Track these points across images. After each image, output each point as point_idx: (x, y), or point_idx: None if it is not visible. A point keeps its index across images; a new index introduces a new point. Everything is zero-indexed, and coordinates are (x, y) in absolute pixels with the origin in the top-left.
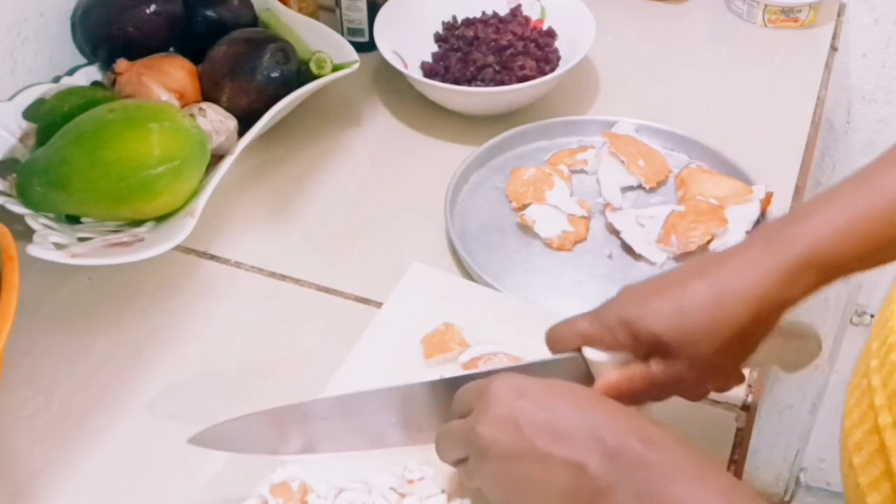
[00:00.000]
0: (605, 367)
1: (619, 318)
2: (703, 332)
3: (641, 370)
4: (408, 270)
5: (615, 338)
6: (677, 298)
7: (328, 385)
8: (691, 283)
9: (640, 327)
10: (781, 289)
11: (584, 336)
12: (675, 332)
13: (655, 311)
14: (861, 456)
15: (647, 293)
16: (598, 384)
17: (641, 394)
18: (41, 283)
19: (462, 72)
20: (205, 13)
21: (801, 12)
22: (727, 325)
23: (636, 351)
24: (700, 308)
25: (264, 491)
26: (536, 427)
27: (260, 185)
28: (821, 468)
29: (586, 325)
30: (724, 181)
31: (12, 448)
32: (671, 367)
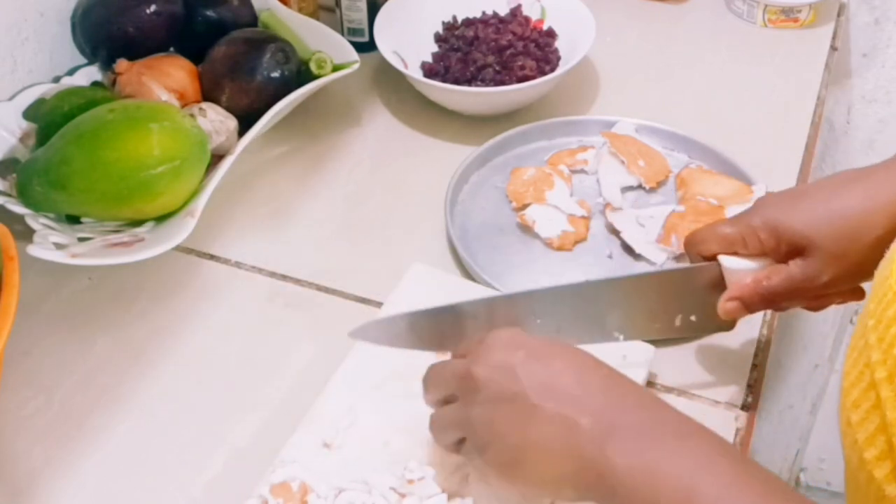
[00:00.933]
0: (741, 275)
1: (764, 219)
2: (851, 235)
3: (779, 269)
4: (408, 270)
5: (759, 239)
6: (826, 202)
7: (329, 385)
8: (840, 190)
9: (786, 228)
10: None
11: (728, 239)
12: (823, 234)
13: (802, 213)
14: (858, 413)
15: (794, 198)
16: (734, 286)
17: (776, 294)
18: (41, 283)
19: (462, 72)
20: (205, 13)
21: (801, 12)
22: (874, 230)
23: (777, 253)
24: (849, 212)
25: (264, 491)
26: (533, 378)
27: (260, 185)
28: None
29: (730, 228)
30: (724, 181)
31: (12, 448)
32: (811, 268)
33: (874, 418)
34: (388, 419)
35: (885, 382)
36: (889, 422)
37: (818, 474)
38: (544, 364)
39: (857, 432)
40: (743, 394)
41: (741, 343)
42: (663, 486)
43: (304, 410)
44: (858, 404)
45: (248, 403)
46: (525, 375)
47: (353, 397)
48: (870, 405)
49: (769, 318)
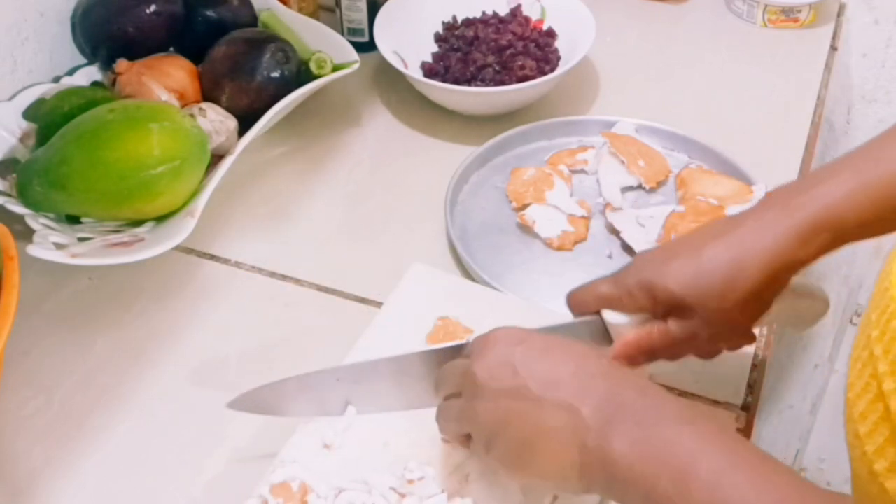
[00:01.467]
0: (623, 329)
1: (639, 280)
2: (720, 292)
3: (659, 328)
4: (408, 270)
5: (634, 299)
6: (695, 259)
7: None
8: (708, 246)
9: (659, 288)
10: (796, 250)
11: (604, 299)
12: (693, 291)
13: (674, 272)
14: (866, 424)
15: (665, 257)
16: (617, 344)
17: (658, 351)
18: (41, 283)
19: (462, 72)
20: (205, 13)
21: (801, 12)
22: (743, 285)
23: (654, 311)
24: (718, 268)
25: (264, 491)
26: (531, 372)
27: (260, 185)
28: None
29: (606, 288)
30: (724, 181)
31: (12, 448)
32: (688, 325)
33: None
34: (387, 419)
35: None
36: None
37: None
38: (543, 356)
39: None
40: (743, 394)
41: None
42: (661, 469)
43: None
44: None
45: None
46: (525, 369)
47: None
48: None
49: None
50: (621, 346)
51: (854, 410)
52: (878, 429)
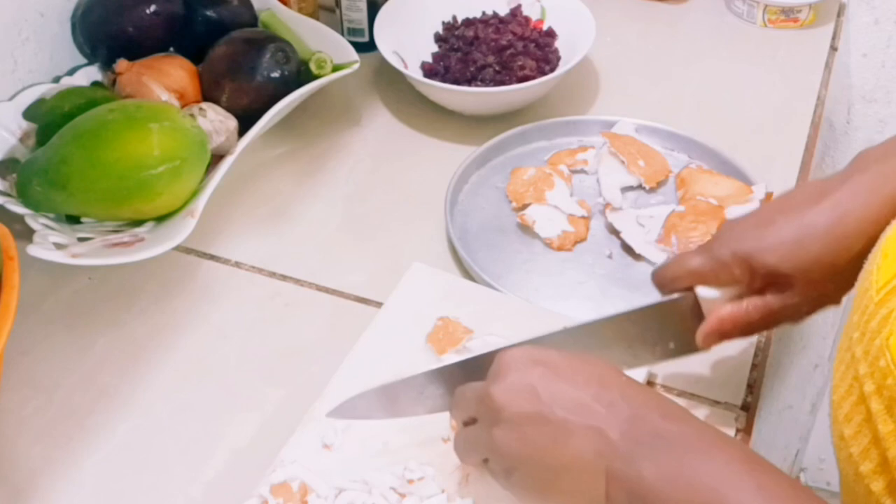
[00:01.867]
0: (717, 304)
1: (735, 253)
2: (822, 259)
3: (755, 303)
4: (408, 270)
5: (731, 273)
6: (793, 228)
7: (329, 385)
8: (805, 212)
9: (758, 262)
10: (892, 213)
11: (697, 274)
12: (795, 262)
13: (774, 244)
14: (851, 427)
15: (758, 225)
16: (711, 319)
17: (755, 325)
18: (41, 283)
19: (462, 72)
20: (205, 13)
21: (801, 12)
22: (846, 253)
23: (751, 284)
24: (817, 236)
25: (264, 491)
26: (555, 393)
27: (260, 185)
28: (821, 468)
29: (699, 261)
30: (724, 181)
31: (12, 448)
32: (788, 297)
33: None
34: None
35: (874, 395)
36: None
37: (818, 474)
38: (564, 379)
39: (851, 446)
40: (743, 394)
41: (741, 343)
42: (690, 497)
43: (304, 410)
44: (850, 418)
45: (248, 403)
46: (547, 393)
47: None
48: (861, 419)
49: None
50: (716, 321)
51: (839, 412)
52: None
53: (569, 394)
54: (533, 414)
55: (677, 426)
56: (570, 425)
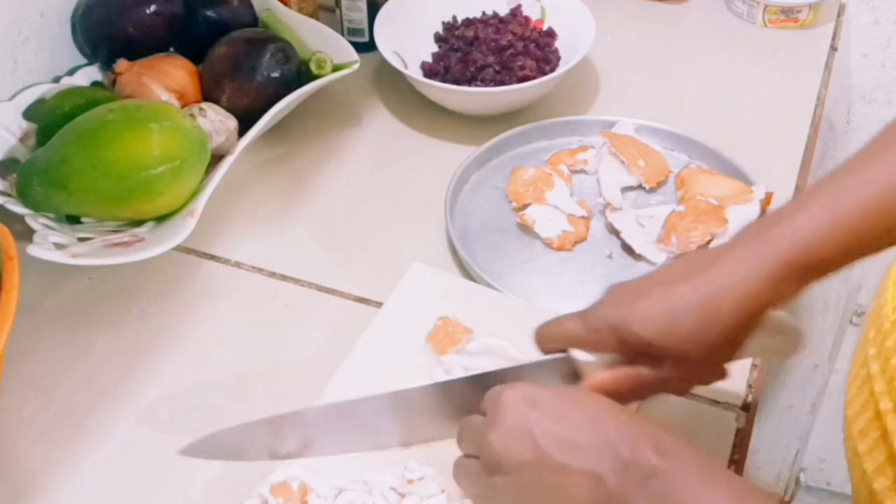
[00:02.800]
0: (592, 368)
1: (607, 321)
2: (692, 335)
3: (628, 372)
4: (408, 270)
5: (602, 340)
6: (665, 301)
7: (328, 385)
8: (679, 286)
9: (628, 331)
10: (768, 289)
11: (572, 338)
12: (664, 336)
13: (643, 315)
14: (865, 443)
15: (634, 295)
16: (586, 384)
17: (629, 393)
18: (41, 283)
19: (462, 72)
20: (205, 13)
21: (801, 12)
22: (716, 327)
23: (623, 353)
24: (689, 311)
25: (264, 491)
26: (551, 438)
27: (260, 185)
28: (821, 468)
29: (573, 326)
30: (724, 181)
31: (12, 448)
32: (659, 369)
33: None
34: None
35: (890, 413)
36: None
37: (818, 474)
38: (560, 419)
39: (865, 462)
40: (743, 394)
41: None
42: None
43: None
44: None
45: (247, 403)
46: (543, 437)
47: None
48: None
49: None
50: (591, 387)
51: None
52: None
53: (565, 438)
54: (530, 460)
55: (670, 462)
56: (569, 470)
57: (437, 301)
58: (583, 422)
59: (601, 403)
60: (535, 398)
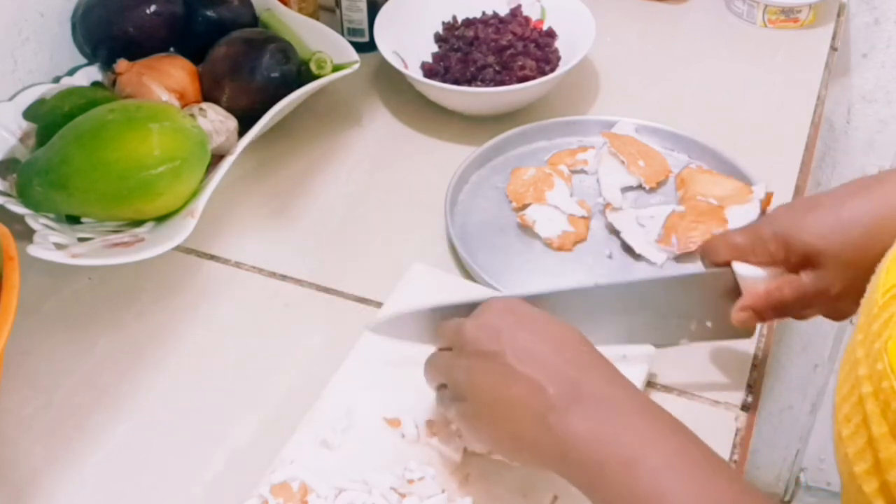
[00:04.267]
0: (753, 282)
1: (775, 230)
2: (859, 245)
3: (790, 281)
4: (408, 270)
5: (768, 250)
6: (836, 212)
7: (328, 385)
8: (850, 199)
9: (795, 239)
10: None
11: (738, 248)
12: (830, 242)
13: (812, 222)
14: (849, 427)
15: (803, 209)
16: (746, 296)
17: (788, 305)
18: (41, 284)
19: (462, 72)
20: (205, 13)
21: (801, 12)
22: (883, 240)
23: (787, 263)
24: (858, 220)
25: (264, 491)
26: (513, 341)
27: (260, 186)
28: (821, 468)
29: (740, 238)
30: (724, 181)
31: (13, 448)
32: (821, 279)
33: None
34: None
35: (870, 397)
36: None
37: (818, 474)
38: (529, 331)
39: (848, 446)
40: (743, 394)
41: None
42: (611, 455)
43: (304, 410)
44: (849, 418)
45: (248, 403)
46: (508, 338)
47: (353, 397)
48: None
49: None
50: (751, 299)
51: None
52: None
53: (525, 345)
54: (490, 353)
55: (614, 390)
56: (517, 372)
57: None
58: (547, 339)
59: (570, 331)
60: (515, 309)
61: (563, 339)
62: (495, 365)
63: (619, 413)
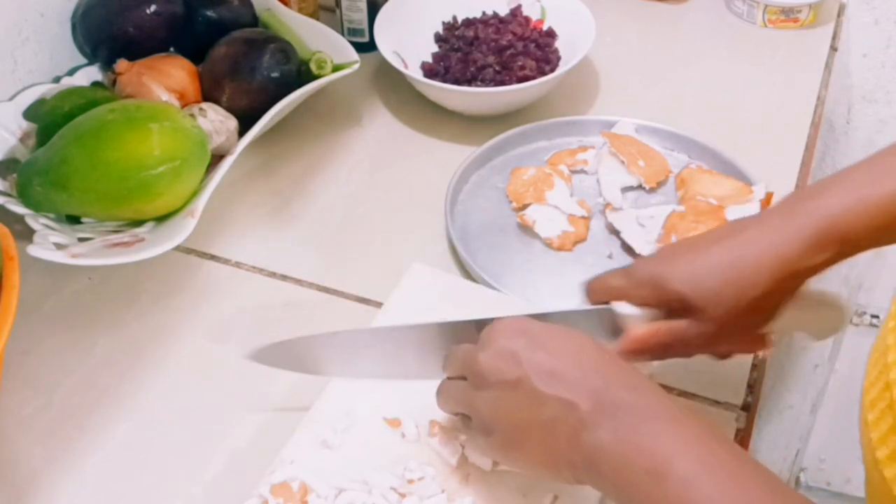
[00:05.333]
0: (633, 321)
1: (649, 274)
2: (722, 294)
3: (668, 325)
4: (408, 270)
5: (642, 293)
6: (697, 260)
7: (329, 385)
8: (712, 247)
9: (665, 285)
10: (798, 257)
11: (615, 290)
12: (696, 292)
13: (678, 270)
14: (874, 413)
15: (677, 253)
16: (627, 336)
17: (668, 348)
18: (41, 284)
19: (462, 72)
20: (205, 13)
21: (801, 12)
22: (744, 289)
23: (662, 307)
24: (716, 271)
25: (264, 491)
26: (533, 363)
27: (260, 186)
28: (821, 468)
29: (618, 280)
30: (724, 181)
31: (13, 448)
32: (697, 325)
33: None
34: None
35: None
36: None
37: (818, 474)
38: (545, 349)
39: (872, 431)
40: (743, 394)
41: None
42: (640, 464)
43: (304, 410)
44: (875, 404)
45: (248, 403)
46: (527, 361)
47: (353, 397)
48: (885, 405)
49: None
50: (630, 339)
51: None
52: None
53: (547, 365)
54: (513, 380)
55: (639, 397)
56: (545, 395)
57: (437, 301)
58: (565, 354)
59: (585, 341)
60: (525, 327)
61: (580, 349)
62: (520, 392)
63: (645, 420)
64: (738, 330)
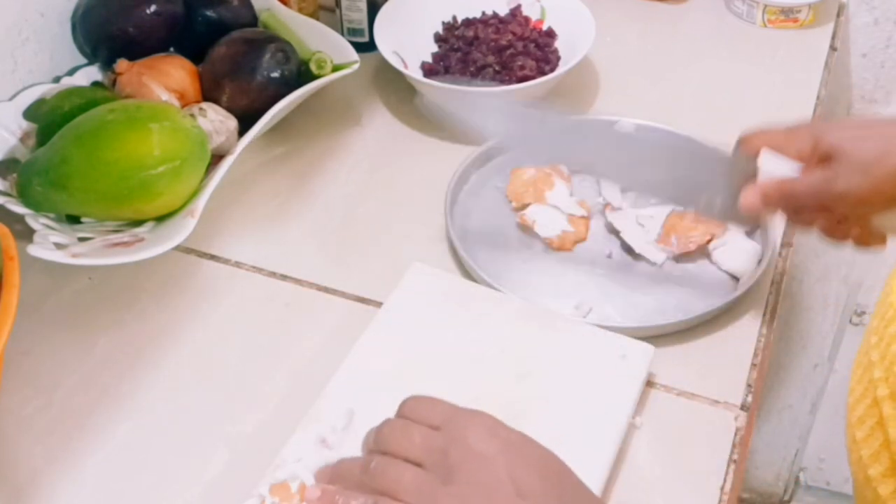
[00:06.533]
0: (771, 173)
1: (813, 128)
2: (867, 159)
3: (806, 173)
4: (408, 270)
5: (800, 146)
6: (864, 127)
7: (329, 385)
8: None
9: (822, 135)
10: None
11: (774, 139)
12: (851, 143)
13: (844, 131)
14: (863, 430)
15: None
16: (759, 180)
17: (797, 199)
18: (42, 283)
19: (462, 72)
20: (205, 13)
21: (801, 12)
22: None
23: (810, 160)
24: (882, 140)
25: (264, 491)
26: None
27: (260, 185)
28: (820, 468)
29: (777, 131)
30: None
31: (13, 448)
32: (829, 172)
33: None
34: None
35: (887, 400)
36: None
37: (818, 474)
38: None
39: (862, 449)
40: (743, 394)
41: (741, 343)
42: None
43: (305, 410)
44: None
45: (248, 403)
46: (505, 467)
47: (353, 397)
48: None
49: (768, 317)
50: (765, 182)
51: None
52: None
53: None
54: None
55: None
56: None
57: (437, 301)
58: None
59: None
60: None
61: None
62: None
63: None
64: (865, 198)
